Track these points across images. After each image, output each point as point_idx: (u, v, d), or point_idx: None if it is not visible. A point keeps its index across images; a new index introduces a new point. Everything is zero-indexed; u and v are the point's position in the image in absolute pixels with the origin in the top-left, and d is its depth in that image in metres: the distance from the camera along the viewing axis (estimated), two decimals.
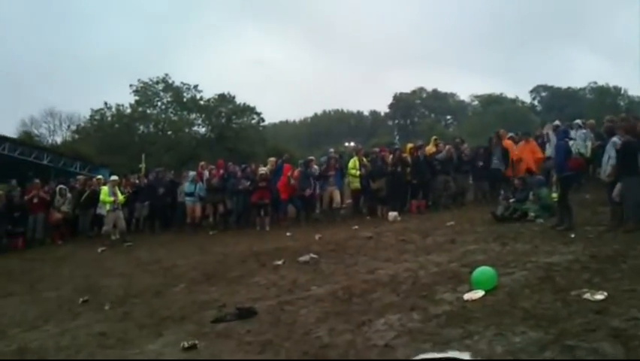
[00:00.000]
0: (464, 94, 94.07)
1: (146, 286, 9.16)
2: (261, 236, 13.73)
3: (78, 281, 10.40)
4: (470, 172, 15.62)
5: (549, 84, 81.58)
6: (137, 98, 42.05)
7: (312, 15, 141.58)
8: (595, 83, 71.97)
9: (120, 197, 14.80)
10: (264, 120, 47.10)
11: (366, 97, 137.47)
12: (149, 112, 42.85)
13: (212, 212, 16.31)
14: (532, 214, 10.84)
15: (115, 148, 37.02)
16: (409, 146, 16.68)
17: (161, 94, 42.99)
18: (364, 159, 15.85)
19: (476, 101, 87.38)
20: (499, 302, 5.43)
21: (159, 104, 43.33)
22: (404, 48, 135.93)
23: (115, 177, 16.02)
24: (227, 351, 5.26)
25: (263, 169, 15.57)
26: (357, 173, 15.38)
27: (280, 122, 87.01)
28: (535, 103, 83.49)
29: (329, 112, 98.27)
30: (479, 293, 5.75)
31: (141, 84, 42.15)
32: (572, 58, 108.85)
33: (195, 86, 43.63)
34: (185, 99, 43.28)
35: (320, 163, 16.45)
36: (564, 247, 7.84)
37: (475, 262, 7.21)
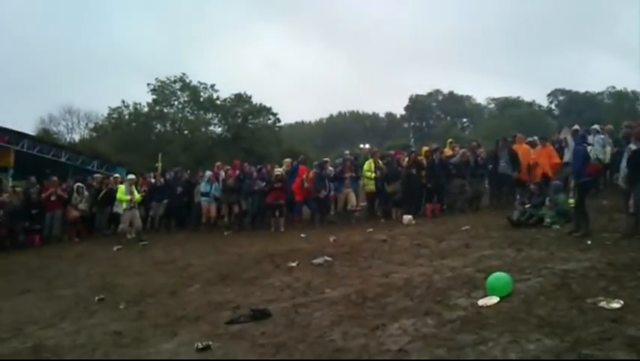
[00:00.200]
0: (481, 97, 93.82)
1: (162, 285, 9.21)
2: (276, 237, 13.75)
3: (94, 279, 10.48)
4: (486, 176, 15.49)
5: (567, 88, 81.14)
6: (154, 96, 42.30)
7: (329, 16, 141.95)
8: (613, 87, 71.64)
9: (137, 196, 14.90)
10: (279, 121, 47.21)
11: (382, 99, 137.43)
12: (166, 111, 43.09)
13: (228, 212, 16.39)
14: (548, 220, 10.72)
15: (132, 147, 37.28)
16: (424, 149, 16.64)
17: (178, 93, 43.20)
18: (380, 162, 15.81)
19: (492, 105, 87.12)
20: (514, 309, 5.40)
21: (176, 104, 43.59)
22: (421, 50, 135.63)
23: (132, 175, 16.14)
24: (241, 353, 5.28)
25: (278, 170, 15.61)
26: (373, 175, 15.36)
27: (296, 122, 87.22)
28: (553, 107, 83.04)
29: (344, 113, 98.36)
30: (494, 299, 5.72)
31: (159, 83, 42.39)
32: (590, 62, 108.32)
33: (212, 86, 43.84)
34: (202, 99, 43.43)
35: (335, 165, 16.45)
36: (580, 254, 7.77)
37: (490, 268, 7.18)
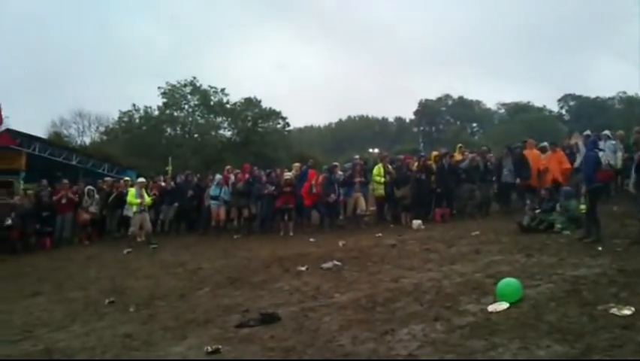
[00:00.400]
0: (491, 102, 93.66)
1: (171, 288, 9.25)
2: (285, 241, 13.77)
3: (104, 282, 10.53)
4: (496, 182, 15.42)
5: (577, 93, 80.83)
6: (164, 100, 42.46)
7: (339, 20, 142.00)
8: (624, 92, 71.06)
9: (147, 199, 14.96)
10: (289, 125, 47.33)
11: (392, 103, 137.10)
12: (176, 114, 43.24)
13: (237, 216, 16.42)
14: (558, 226, 10.67)
15: (142, 150, 37.47)
16: (433, 153, 16.62)
17: (189, 97, 43.33)
18: (389, 166, 15.79)
19: (503, 110, 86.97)
20: (524, 315, 5.39)
21: (186, 107, 43.70)
22: (430, 54, 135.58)
23: (142, 179, 16.21)
24: (250, 356, 5.30)
25: (288, 174, 15.65)
26: (382, 180, 15.35)
27: (305, 126, 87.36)
28: (563, 112, 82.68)
29: (354, 118, 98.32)
30: (504, 305, 5.71)
31: (169, 87, 42.56)
32: (601, 67, 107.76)
33: (222, 90, 43.93)
34: (212, 102, 43.54)
35: (344, 169, 16.46)
36: (591, 260, 7.73)
37: (500, 273, 7.16)
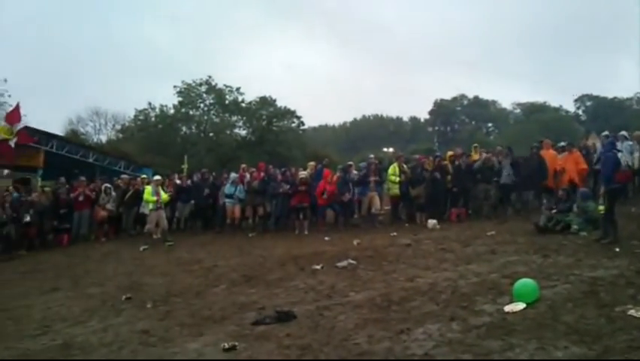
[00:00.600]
0: (506, 102, 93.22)
1: (187, 285, 9.30)
2: (300, 240, 13.77)
3: (121, 279, 10.63)
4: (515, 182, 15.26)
5: (594, 93, 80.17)
6: (180, 99, 42.63)
7: (354, 20, 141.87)
8: None
9: (164, 196, 15.04)
10: (303, 124, 47.34)
11: (406, 102, 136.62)
12: (191, 113, 43.41)
13: (252, 214, 16.48)
14: (575, 227, 10.59)
15: (158, 148, 37.67)
16: (449, 153, 16.57)
17: (204, 96, 43.47)
18: (404, 166, 15.76)
19: (518, 110, 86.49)
20: (540, 315, 5.37)
21: (202, 106, 43.86)
22: (445, 54, 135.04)
23: (158, 176, 16.32)
24: (267, 353, 5.32)
25: (303, 173, 15.66)
26: (397, 179, 15.32)
27: (319, 125, 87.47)
28: (580, 112, 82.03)
29: (368, 117, 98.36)
30: (520, 306, 5.69)
31: (185, 86, 42.73)
32: (618, 67, 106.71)
33: (237, 89, 44.00)
34: (227, 101, 43.64)
35: (359, 168, 16.45)
36: (609, 262, 7.68)
37: (516, 274, 7.14)
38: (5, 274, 12.52)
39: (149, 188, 14.96)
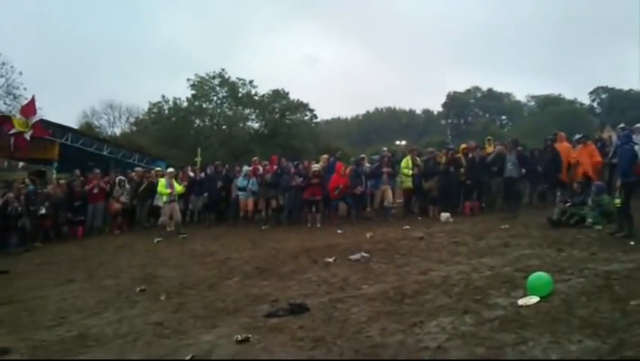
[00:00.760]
0: (520, 94, 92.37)
1: (201, 278, 9.34)
2: (312, 233, 13.79)
3: (135, 271, 10.71)
4: (529, 175, 15.17)
5: (609, 86, 79.28)
6: (193, 92, 42.72)
7: (366, 12, 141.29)
8: None
9: (178, 188, 15.11)
10: (316, 117, 47.31)
11: (419, 95, 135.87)
12: (205, 106, 43.47)
13: (265, 207, 16.52)
14: (589, 220, 10.53)
15: (171, 141, 37.81)
16: (462, 146, 16.50)
17: (217, 89, 43.50)
18: (417, 159, 15.72)
19: (533, 102, 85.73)
20: (554, 309, 5.35)
21: (215, 99, 43.90)
22: (459, 46, 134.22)
23: (171, 169, 16.39)
24: (280, 345, 5.34)
25: (316, 166, 15.67)
26: (410, 172, 15.28)
27: (332, 118, 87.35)
28: (595, 105, 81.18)
29: (381, 109, 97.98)
30: (534, 299, 5.67)
31: (198, 79, 42.80)
32: (634, 59, 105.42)
33: (250, 82, 44.02)
34: (241, 94, 43.67)
35: (372, 161, 16.42)
36: (623, 255, 7.63)
37: (530, 267, 7.11)
38: (21, 266, 12.65)
39: (162, 181, 15.03)
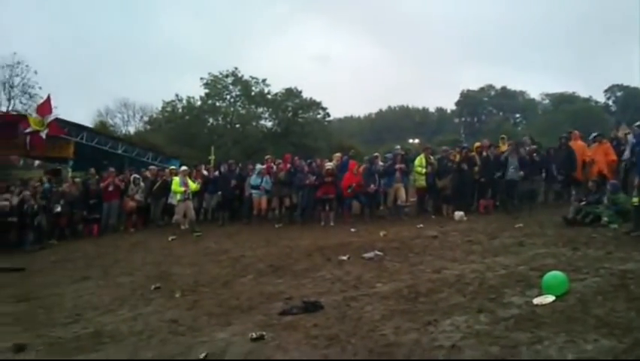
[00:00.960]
0: (535, 92, 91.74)
1: (215, 275, 9.39)
2: (326, 231, 13.81)
3: (150, 268, 10.79)
4: (547, 174, 15.06)
5: (625, 84, 78.54)
6: (207, 91, 42.93)
7: (379, 10, 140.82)
8: None
9: (193, 185, 15.19)
10: (329, 115, 47.33)
11: (433, 93, 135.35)
12: (218, 105, 43.67)
13: (279, 205, 16.55)
14: (605, 219, 10.44)
15: (184, 139, 37.99)
16: (476, 144, 16.43)
17: (231, 87, 43.69)
18: (431, 157, 15.67)
19: (547, 100, 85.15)
20: (570, 308, 5.31)
21: (228, 98, 44.09)
22: (473, 44, 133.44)
23: (185, 167, 16.47)
24: (294, 343, 5.35)
25: (329, 164, 15.68)
26: (423, 171, 15.25)
27: (345, 117, 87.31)
28: (610, 103, 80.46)
29: (394, 108, 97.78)
30: (549, 298, 5.63)
31: (211, 77, 43.00)
32: None
33: (263, 80, 44.17)
34: (254, 93, 43.80)
35: (385, 159, 16.40)
36: (639, 254, 7.56)
37: (545, 266, 7.05)
38: (37, 264, 12.81)
39: (176, 179, 15.13)
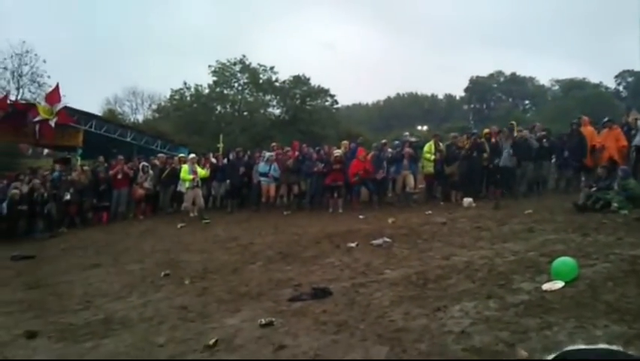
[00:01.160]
0: (544, 78, 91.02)
1: (224, 262, 9.42)
2: (334, 218, 13.80)
3: (159, 255, 10.84)
4: (558, 160, 14.96)
5: (636, 69, 77.67)
6: (215, 78, 42.88)
7: None
8: None
9: (202, 172, 15.24)
10: (337, 103, 47.19)
11: (441, 80, 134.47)
12: (226, 92, 43.62)
13: (287, 193, 16.56)
14: (615, 205, 10.37)
15: (193, 127, 38.05)
16: (485, 131, 16.36)
17: (238, 75, 43.61)
18: (440, 144, 15.62)
19: (557, 86, 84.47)
20: (579, 294, 5.28)
21: (236, 85, 44.03)
22: (482, 30, 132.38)
23: (193, 154, 16.51)
24: (304, 330, 5.36)
25: (337, 152, 15.66)
26: (432, 157, 15.21)
27: (353, 104, 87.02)
28: (620, 89, 79.70)
29: (402, 95, 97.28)
30: (559, 284, 5.60)
31: (219, 65, 42.92)
32: None
33: (271, 68, 44.06)
34: (261, 80, 43.71)
35: (393, 147, 16.36)
36: None
37: (555, 252, 7.01)
38: (47, 251, 12.89)
39: (185, 167, 15.17)
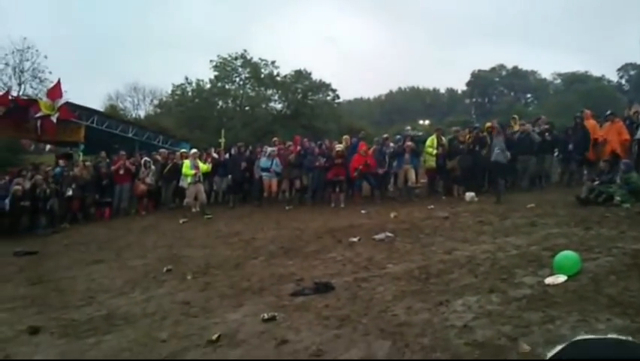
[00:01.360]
0: (546, 72, 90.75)
1: (226, 257, 9.43)
2: (336, 213, 13.79)
3: (161, 251, 10.84)
4: (561, 153, 14.93)
5: (638, 62, 77.43)
6: (216, 73, 42.74)
7: None
8: None
9: (204, 166, 15.24)
10: (339, 97, 47.05)
11: (443, 74, 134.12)
12: (227, 87, 43.49)
13: (289, 188, 16.55)
14: (618, 198, 10.36)
15: (194, 122, 38.02)
16: (487, 125, 16.32)
17: (240, 70, 43.43)
18: (442, 138, 15.59)
19: (559, 80, 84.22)
20: (582, 288, 5.29)
21: (237, 80, 43.86)
22: (484, 23, 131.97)
23: (195, 150, 16.49)
24: (306, 324, 5.37)
25: (339, 146, 15.63)
26: (434, 152, 15.18)
27: (355, 99, 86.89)
28: (623, 82, 79.51)
29: (404, 89, 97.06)
30: (561, 278, 5.61)
31: (220, 60, 42.78)
32: None
33: (273, 62, 43.87)
34: (263, 75, 43.57)
35: (394, 141, 16.33)
36: None
37: (557, 246, 7.01)
38: (49, 247, 12.89)
39: (187, 162, 15.14)
